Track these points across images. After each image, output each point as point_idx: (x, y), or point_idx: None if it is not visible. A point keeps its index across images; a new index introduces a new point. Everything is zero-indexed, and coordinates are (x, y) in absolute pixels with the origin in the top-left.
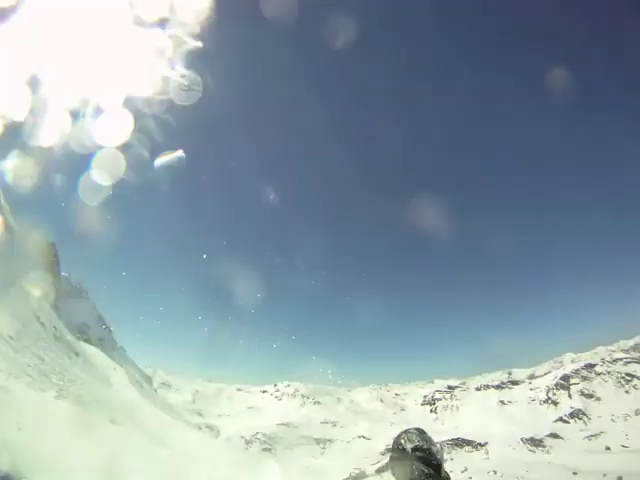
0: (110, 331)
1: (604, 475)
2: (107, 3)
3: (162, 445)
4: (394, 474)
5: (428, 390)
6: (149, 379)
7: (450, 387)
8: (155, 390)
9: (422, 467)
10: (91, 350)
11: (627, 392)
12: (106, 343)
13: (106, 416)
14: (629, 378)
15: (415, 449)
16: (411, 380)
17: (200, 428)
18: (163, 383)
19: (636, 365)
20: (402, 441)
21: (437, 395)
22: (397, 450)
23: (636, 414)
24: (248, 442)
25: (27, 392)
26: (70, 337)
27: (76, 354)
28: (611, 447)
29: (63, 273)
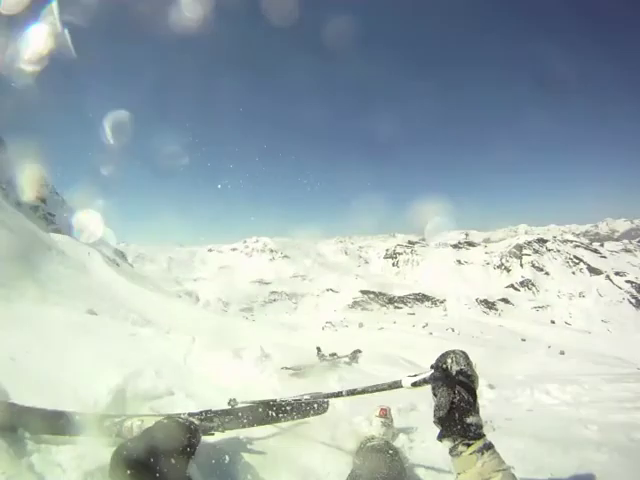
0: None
1: (549, 347)
2: None
3: (145, 323)
4: (435, 395)
5: (390, 244)
6: (123, 255)
7: (411, 242)
8: (131, 265)
9: (463, 392)
10: (62, 239)
11: (573, 273)
12: (75, 229)
13: (87, 307)
14: (577, 261)
15: (460, 372)
16: (374, 233)
17: (180, 296)
18: (137, 256)
19: (584, 251)
20: (449, 361)
21: (398, 249)
22: (441, 370)
23: (580, 296)
24: (226, 304)
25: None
26: (39, 231)
27: (49, 248)
28: (555, 321)
29: None
